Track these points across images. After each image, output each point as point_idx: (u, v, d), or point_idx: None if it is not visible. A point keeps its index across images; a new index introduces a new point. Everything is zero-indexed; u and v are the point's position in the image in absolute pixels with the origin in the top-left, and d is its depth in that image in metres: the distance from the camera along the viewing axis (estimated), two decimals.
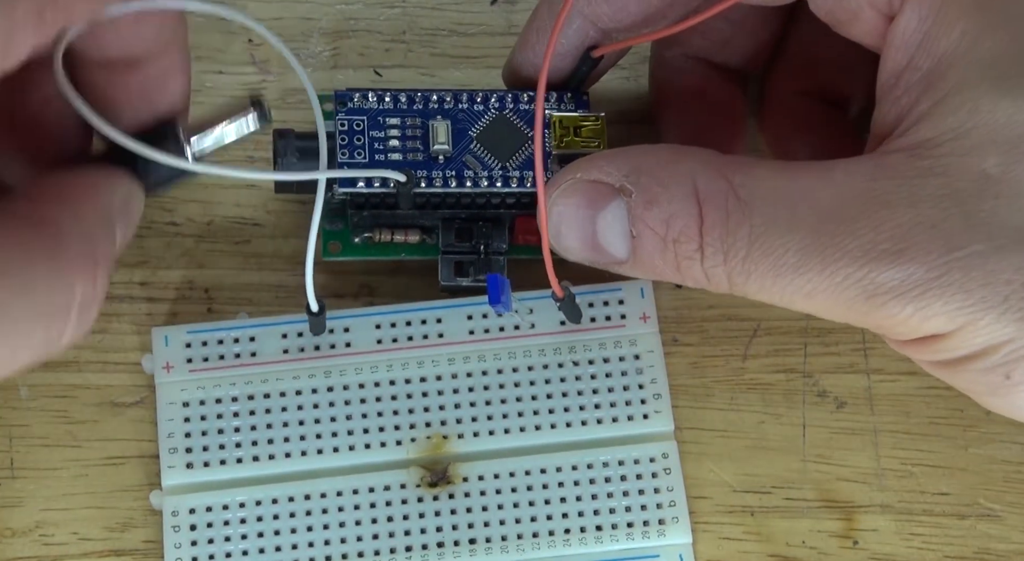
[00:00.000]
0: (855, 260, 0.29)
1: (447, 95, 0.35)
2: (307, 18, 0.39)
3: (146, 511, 0.35)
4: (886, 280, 0.29)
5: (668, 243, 0.31)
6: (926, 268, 0.29)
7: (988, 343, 0.29)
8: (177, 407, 0.35)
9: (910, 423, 0.36)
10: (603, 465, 0.35)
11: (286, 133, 0.34)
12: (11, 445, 0.35)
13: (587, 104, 0.35)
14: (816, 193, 0.30)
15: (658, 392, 0.35)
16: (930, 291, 0.29)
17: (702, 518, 0.35)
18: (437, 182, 0.34)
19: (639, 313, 0.36)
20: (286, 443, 0.35)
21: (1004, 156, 0.29)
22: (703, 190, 0.30)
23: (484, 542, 0.34)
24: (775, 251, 0.30)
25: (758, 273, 0.30)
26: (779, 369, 0.36)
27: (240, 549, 0.34)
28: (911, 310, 0.29)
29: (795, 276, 0.30)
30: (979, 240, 0.29)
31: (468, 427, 0.35)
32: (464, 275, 0.36)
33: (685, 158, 0.31)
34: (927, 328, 0.29)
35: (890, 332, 0.30)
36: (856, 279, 0.29)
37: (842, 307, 0.30)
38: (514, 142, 0.35)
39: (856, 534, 0.35)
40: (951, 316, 0.29)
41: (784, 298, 0.30)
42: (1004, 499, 0.35)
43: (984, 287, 0.29)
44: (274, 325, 0.36)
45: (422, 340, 0.36)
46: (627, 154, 0.32)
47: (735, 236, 0.30)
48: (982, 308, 0.29)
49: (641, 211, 0.31)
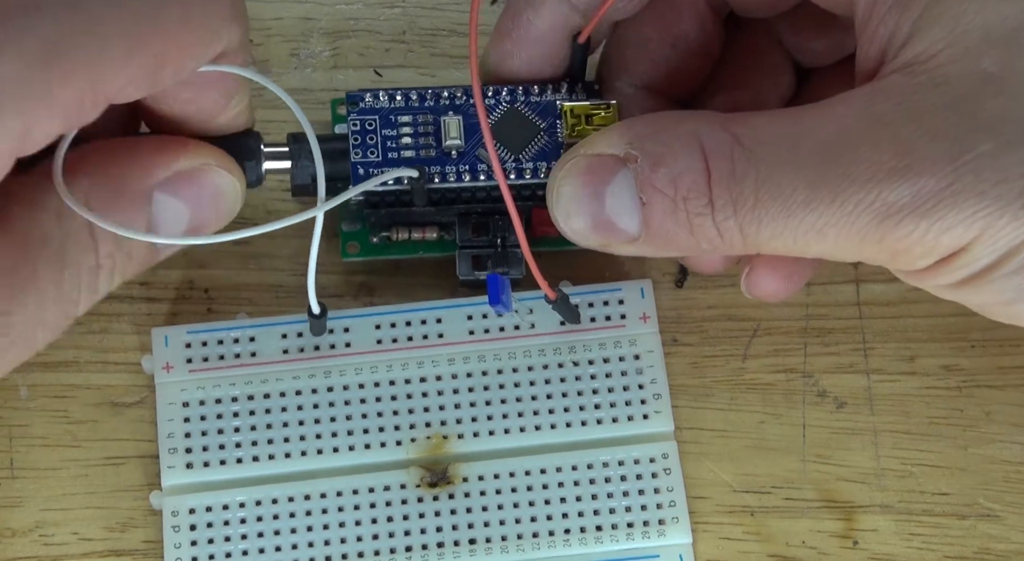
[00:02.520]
0: (863, 184, 0.28)
1: (458, 91, 0.35)
2: (307, 18, 0.39)
3: (146, 511, 0.35)
4: (897, 198, 0.28)
5: (678, 202, 0.30)
6: (936, 178, 0.28)
7: (1010, 244, 0.28)
8: (177, 407, 0.35)
9: (910, 423, 0.36)
10: (603, 465, 0.35)
11: (300, 136, 0.34)
12: (11, 445, 0.35)
13: (598, 93, 0.35)
14: (817, 129, 0.29)
15: (658, 392, 0.35)
16: (943, 201, 0.28)
17: (702, 518, 0.35)
18: (451, 177, 0.34)
19: (639, 313, 0.36)
20: (286, 443, 0.35)
21: (1001, 52, 0.28)
22: (707, 145, 0.30)
23: (484, 542, 0.34)
24: (783, 191, 0.29)
25: (768, 217, 0.29)
26: (779, 369, 0.36)
27: (240, 549, 0.34)
28: (926, 225, 0.28)
29: (806, 213, 0.29)
30: (986, 140, 0.28)
31: (468, 427, 0.35)
32: (482, 268, 0.36)
33: (687, 119, 0.31)
34: (944, 244, 0.28)
35: (906, 258, 0.29)
36: (867, 204, 0.28)
37: (856, 238, 0.29)
38: (527, 134, 0.35)
39: (856, 534, 0.35)
40: (968, 224, 0.28)
41: (797, 240, 0.30)
42: (1004, 499, 0.35)
43: (998, 186, 0.28)
44: (274, 325, 0.36)
45: (422, 340, 0.36)
46: (629, 123, 0.31)
47: (743, 184, 0.29)
48: (998, 208, 0.28)
49: (648, 174, 0.30)
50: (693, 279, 0.37)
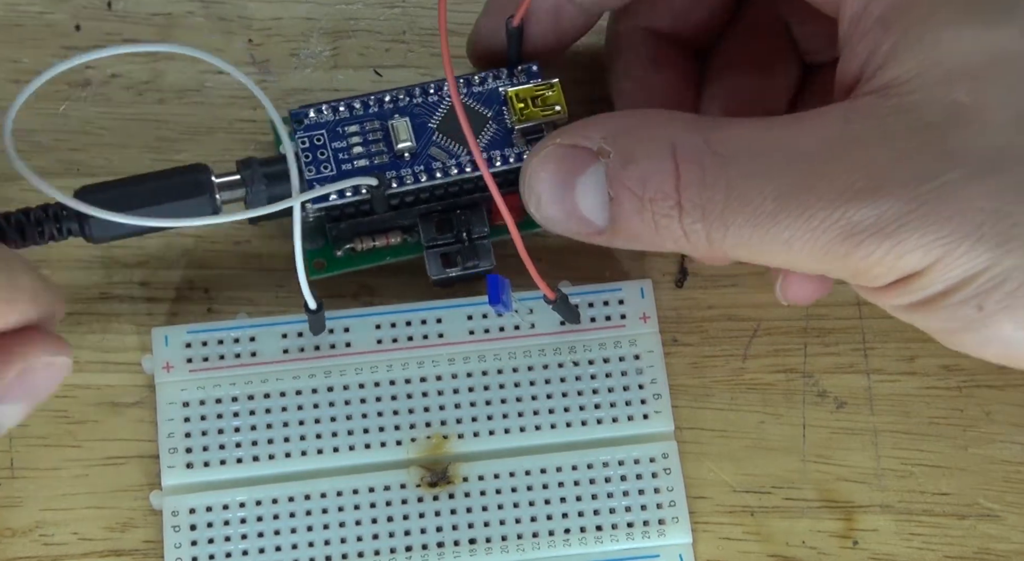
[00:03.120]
0: (831, 202, 0.29)
1: (400, 92, 0.35)
2: (307, 18, 0.39)
3: (146, 511, 0.35)
4: (862, 218, 0.29)
5: (645, 202, 0.30)
6: (901, 202, 0.28)
7: (964, 274, 0.29)
8: (177, 407, 0.35)
9: (910, 423, 0.36)
10: (603, 465, 0.35)
11: (250, 162, 0.34)
12: (11, 445, 0.35)
13: (539, 74, 0.35)
14: (791, 142, 0.30)
15: (658, 392, 0.35)
16: (905, 225, 0.28)
17: (702, 518, 0.35)
18: (408, 180, 0.34)
19: (639, 313, 0.36)
20: (286, 443, 0.35)
21: (973, 83, 0.29)
22: (680, 148, 0.30)
23: (484, 542, 0.34)
24: (752, 200, 0.29)
25: (736, 225, 0.30)
26: (779, 369, 0.36)
27: (240, 549, 0.34)
28: (887, 246, 0.29)
29: (773, 224, 0.29)
30: (952, 169, 0.28)
31: (468, 427, 0.35)
32: (453, 265, 0.36)
33: (664, 119, 0.31)
34: (902, 266, 0.29)
35: (866, 276, 0.30)
36: (833, 220, 0.29)
37: (820, 252, 0.29)
38: (475, 126, 0.35)
39: (856, 534, 0.35)
40: (927, 249, 0.29)
41: (763, 250, 0.30)
42: (1004, 499, 0.35)
43: (958, 216, 0.28)
44: (274, 325, 0.36)
45: (422, 340, 0.36)
46: (607, 118, 0.32)
47: (713, 190, 0.30)
48: (956, 238, 0.28)
49: (618, 171, 0.31)
50: (693, 279, 0.37)
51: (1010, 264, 0.28)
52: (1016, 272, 0.28)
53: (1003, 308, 0.29)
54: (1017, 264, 0.28)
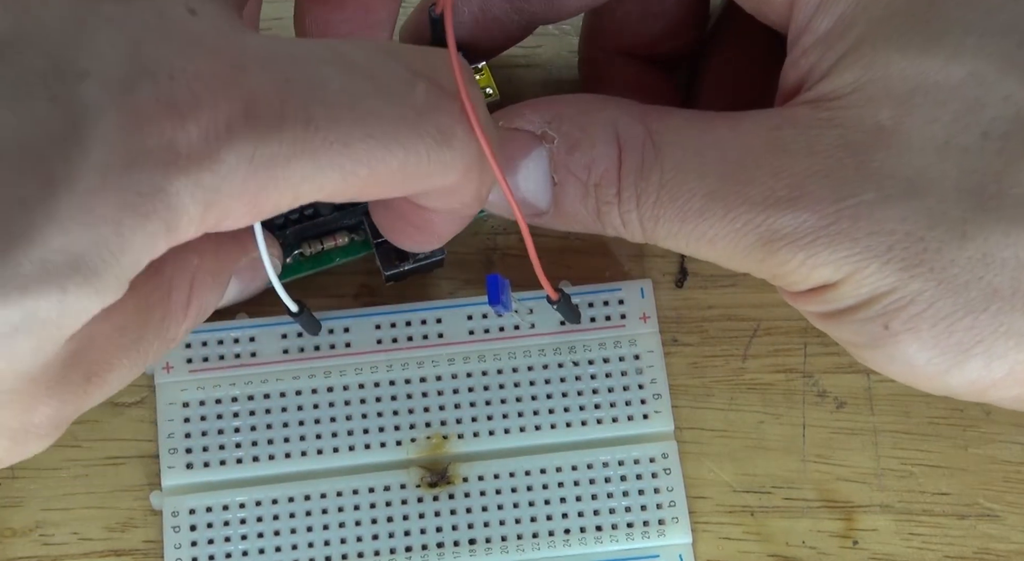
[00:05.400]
0: (754, 206, 0.29)
1: None
2: None
3: (146, 511, 0.35)
4: (781, 226, 0.29)
5: (589, 188, 0.31)
6: (818, 216, 0.29)
7: (871, 293, 0.29)
8: (177, 407, 0.35)
9: (910, 423, 0.36)
10: (603, 465, 0.35)
11: None
12: None
13: (466, 59, 0.35)
14: (724, 142, 0.30)
15: (658, 392, 0.35)
16: (819, 239, 0.29)
17: (702, 518, 0.35)
18: None
19: (639, 313, 0.36)
20: (286, 443, 0.35)
21: (897, 108, 0.29)
22: (623, 135, 0.31)
23: (484, 542, 0.34)
24: (682, 196, 0.30)
25: (666, 218, 0.30)
26: (779, 369, 0.36)
27: (240, 549, 0.34)
28: (802, 257, 0.29)
29: (699, 222, 0.30)
30: (868, 189, 0.29)
31: (468, 427, 0.35)
32: (406, 259, 0.35)
33: (606, 105, 0.32)
34: (815, 277, 0.30)
35: (783, 281, 0.30)
36: (755, 225, 0.30)
37: (741, 254, 0.30)
38: None
39: (856, 534, 0.35)
40: (838, 265, 0.29)
41: (690, 244, 0.31)
42: (1004, 499, 0.35)
43: (869, 236, 0.29)
44: (274, 325, 0.36)
45: (422, 340, 0.36)
46: (549, 102, 0.32)
47: (647, 181, 0.30)
48: (867, 257, 0.29)
49: (564, 157, 0.31)
50: (693, 279, 0.37)
51: (916, 287, 0.29)
52: (922, 296, 0.29)
53: (908, 330, 0.29)
54: (924, 288, 0.29)
